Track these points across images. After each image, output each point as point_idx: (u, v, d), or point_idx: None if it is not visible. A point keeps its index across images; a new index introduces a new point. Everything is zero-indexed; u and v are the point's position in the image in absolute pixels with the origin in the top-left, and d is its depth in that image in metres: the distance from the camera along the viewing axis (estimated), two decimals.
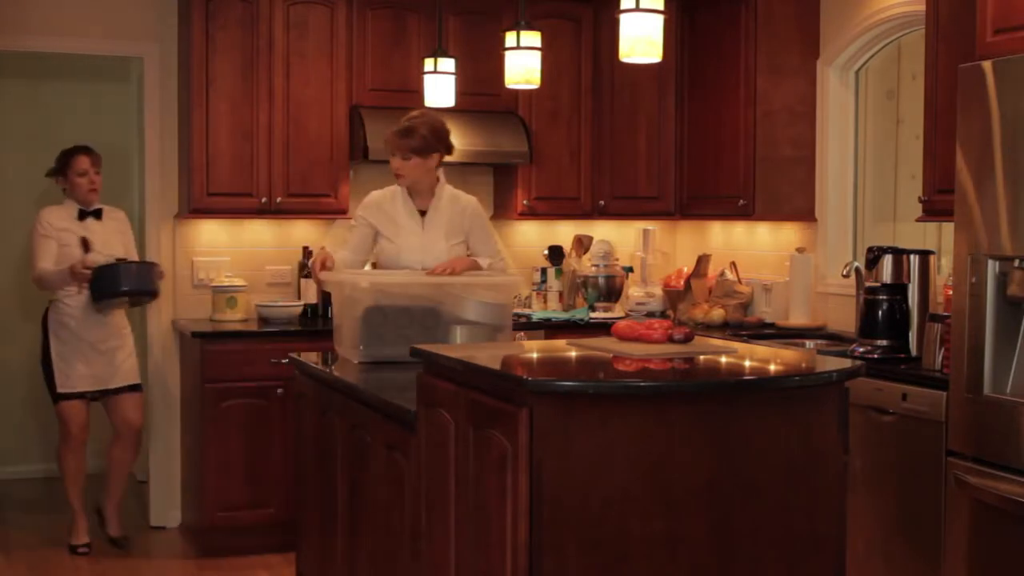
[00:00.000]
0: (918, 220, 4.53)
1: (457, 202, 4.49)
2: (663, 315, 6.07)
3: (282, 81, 5.69)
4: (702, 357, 3.10)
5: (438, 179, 4.47)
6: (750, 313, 5.84)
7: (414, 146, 4.35)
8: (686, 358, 3.07)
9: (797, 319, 5.50)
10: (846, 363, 2.99)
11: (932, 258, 4.50)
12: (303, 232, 6.03)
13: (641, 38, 3.48)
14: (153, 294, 5.45)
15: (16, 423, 7.04)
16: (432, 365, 3.12)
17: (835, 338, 5.17)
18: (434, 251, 4.39)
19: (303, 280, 5.89)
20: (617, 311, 6.07)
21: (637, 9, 3.46)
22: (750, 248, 6.06)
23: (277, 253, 6.03)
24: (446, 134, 4.43)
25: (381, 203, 4.47)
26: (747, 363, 3.13)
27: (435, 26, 5.38)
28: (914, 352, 4.41)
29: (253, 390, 5.42)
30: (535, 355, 3.30)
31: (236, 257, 5.95)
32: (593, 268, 6.16)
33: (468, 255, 4.47)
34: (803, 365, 3.18)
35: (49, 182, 5.78)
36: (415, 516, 3.16)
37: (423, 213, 4.44)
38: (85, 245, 5.44)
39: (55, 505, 6.22)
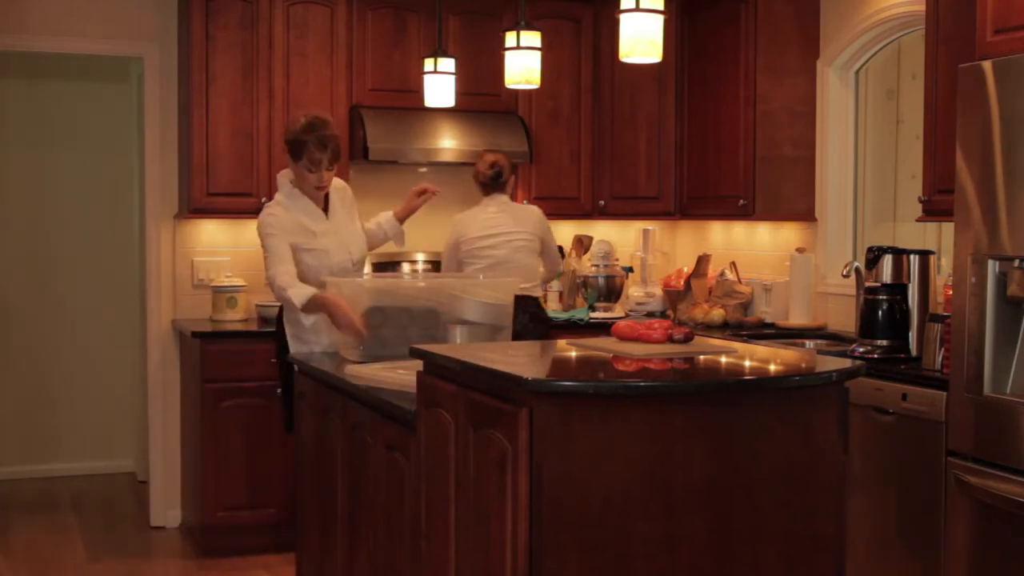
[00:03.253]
0: (918, 220, 4.53)
1: (335, 188, 4.48)
2: (663, 315, 6.07)
3: (282, 81, 5.69)
4: (702, 357, 3.10)
5: None
6: (750, 313, 5.84)
7: (338, 159, 4.35)
8: (686, 358, 3.07)
9: (797, 319, 5.50)
10: (846, 363, 2.98)
11: (932, 258, 4.50)
12: None
13: (641, 38, 3.48)
14: None
15: (14, 423, 7.04)
16: (432, 365, 3.12)
17: (835, 338, 5.17)
18: (356, 239, 4.46)
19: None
20: (617, 311, 6.07)
21: (637, 9, 3.46)
22: (750, 248, 6.06)
23: None
24: None
25: (281, 220, 4.31)
26: (747, 363, 3.13)
27: (435, 26, 5.38)
28: (914, 352, 4.40)
29: (253, 390, 5.41)
30: (535, 355, 3.30)
31: (236, 257, 5.95)
32: (593, 268, 6.16)
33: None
34: (803, 365, 3.18)
35: (45, 182, 5.77)
36: (415, 516, 3.16)
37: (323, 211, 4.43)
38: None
39: (55, 505, 6.23)
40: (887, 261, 4.47)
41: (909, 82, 5.21)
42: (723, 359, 3.11)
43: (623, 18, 3.50)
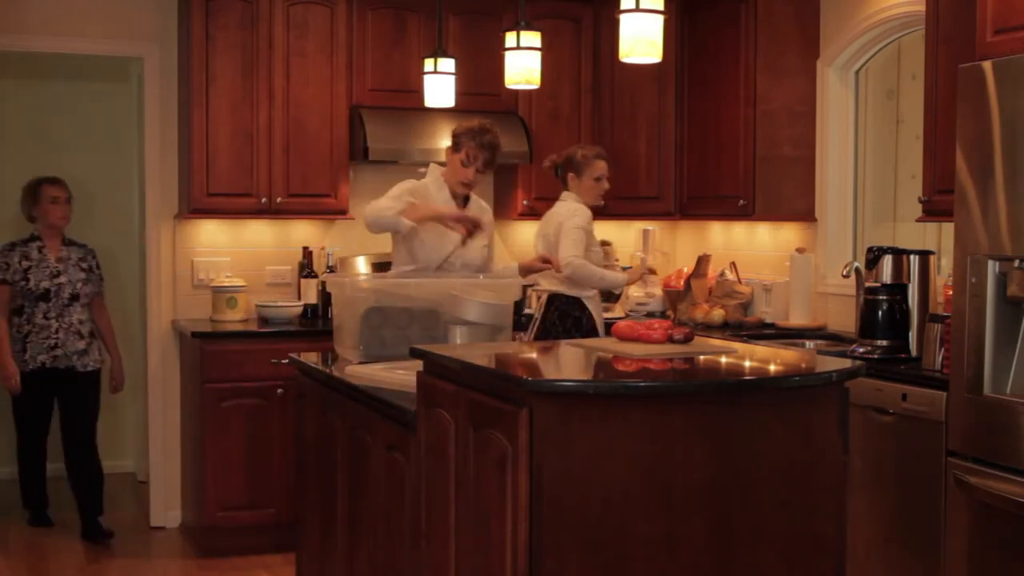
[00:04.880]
0: (918, 220, 4.53)
1: (479, 205, 4.68)
2: (663, 315, 6.07)
3: (282, 81, 5.69)
4: (702, 357, 3.10)
5: None
6: (750, 313, 5.84)
7: (491, 167, 4.55)
8: (686, 358, 3.07)
9: (797, 319, 5.50)
10: (846, 363, 2.98)
11: (932, 258, 4.50)
12: (303, 232, 6.04)
13: (641, 38, 3.48)
14: None
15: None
16: (432, 365, 3.12)
17: (835, 338, 5.17)
18: (474, 250, 4.54)
19: (303, 280, 5.89)
20: (617, 311, 6.07)
21: (637, 9, 3.46)
22: (750, 248, 6.06)
23: (277, 253, 6.03)
24: None
25: (418, 194, 4.50)
26: (747, 363, 3.13)
27: (435, 26, 5.38)
28: (914, 352, 4.41)
29: (253, 390, 5.42)
30: (535, 355, 3.30)
31: (236, 257, 5.95)
32: None
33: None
34: (803, 365, 3.18)
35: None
36: (415, 516, 3.16)
37: None
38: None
39: (56, 505, 6.22)
40: (887, 261, 4.47)
41: (909, 82, 5.21)
42: (723, 359, 3.12)
43: (623, 18, 3.50)
